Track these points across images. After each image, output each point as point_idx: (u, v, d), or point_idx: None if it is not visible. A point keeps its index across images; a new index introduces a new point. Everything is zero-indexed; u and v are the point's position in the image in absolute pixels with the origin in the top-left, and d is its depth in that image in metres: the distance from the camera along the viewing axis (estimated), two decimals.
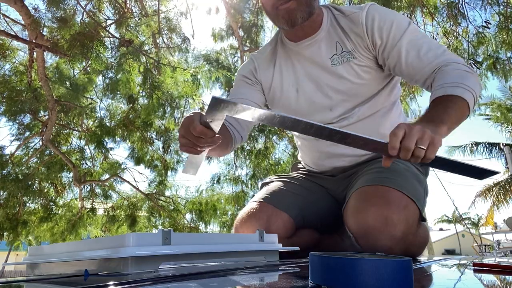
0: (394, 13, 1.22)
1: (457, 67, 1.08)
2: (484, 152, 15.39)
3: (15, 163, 5.87)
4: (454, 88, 0.99)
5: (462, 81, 1.01)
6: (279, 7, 1.16)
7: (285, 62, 1.34)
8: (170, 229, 0.74)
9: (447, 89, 1.00)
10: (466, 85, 1.00)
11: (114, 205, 7.05)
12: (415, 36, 1.16)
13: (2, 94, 5.12)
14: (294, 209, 1.33)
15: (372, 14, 1.19)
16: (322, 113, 1.30)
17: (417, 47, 1.14)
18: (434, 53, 1.12)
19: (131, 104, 5.70)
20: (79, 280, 0.67)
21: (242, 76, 1.42)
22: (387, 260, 0.42)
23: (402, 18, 1.21)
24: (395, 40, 1.16)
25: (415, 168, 1.26)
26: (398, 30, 1.16)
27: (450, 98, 0.98)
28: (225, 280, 0.60)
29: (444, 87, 1.01)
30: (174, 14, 4.91)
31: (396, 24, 1.17)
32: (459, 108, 0.97)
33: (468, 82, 1.01)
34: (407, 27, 1.16)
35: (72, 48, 3.96)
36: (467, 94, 0.99)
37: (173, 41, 5.18)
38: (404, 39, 1.15)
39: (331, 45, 1.25)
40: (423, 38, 1.17)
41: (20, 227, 6.23)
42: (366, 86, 1.25)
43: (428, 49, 1.13)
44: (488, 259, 1.27)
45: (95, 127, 5.87)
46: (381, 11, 1.20)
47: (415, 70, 1.14)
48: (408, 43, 1.15)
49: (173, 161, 6.52)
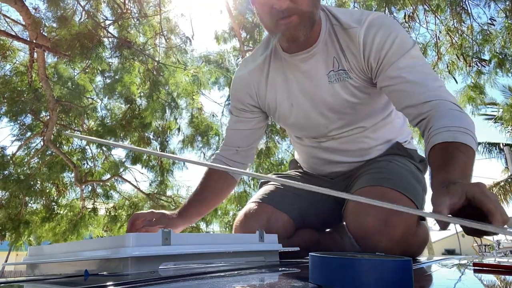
0: (397, 30, 1.10)
1: (452, 107, 1.00)
2: (484, 152, 15.38)
3: (16, 164, 5.88)
4: (464, 135, 0.91)
5: (467, 126, 0.93)
6: (280, 21, 1.06)
7: (279, 73, 1.26)
8: (170, 229, 0.74)
9: (456, 135, 0.90)
10: (472, 132, 0.93)
11: (115, 205, 7.06)
12: (414, 61, 1.07)
13: (3, 94, 5.12)
14: (293, 209, 1.33)
15: (374, 32, 1.09)
16: (319, 128, 1.29)
17: (413, 73, 1.05)
18: (429, 85, 1.03)
19: (129, 105, 5.71)
20: (79, 281, 0.67)
21: (235, 100, 1.37)
22: (387, 260, 0.42)
23: (405, 37, 1.10)
24: (391, 60, 1.07)
25: (413, 166, 1.26)
26: (398, 50, 1.07)
27: (463, 149, 0.88)
28: (225, 280, 0.60)
29: (451, 131, 0.92)
30: (174, 15, 4.91)
31: (398, 44, 1.07)
32: (472, 162, 0.89)
33: (471, 128, 0.94)
34: (409, 50, 1.07)
35: (72, 48, 3.97)
36: (474, 144, 0.92)
37: (172, 41, 5.18)
38: (402, 61, 1.06)
39: (328, 60, 1.16)
40: (422, 66, 1.07)
41: (22, 228, 6.24)
42: (363, 104, 1.20)
43: (424, 79, 1.04)
44: (488, 259, 1.27)
45: (96, 126, 5.88)
46: (383, 28, 1.09)
47: (405, 97, 1.05)
48: (405, 67, 1.06)
49: (169, 162, 6.52)
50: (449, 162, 0.84)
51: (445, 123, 0.94)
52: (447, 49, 4.62)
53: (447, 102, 1.00)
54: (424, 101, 1.01)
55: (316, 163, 1.43)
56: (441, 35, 4.63)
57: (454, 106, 1.00)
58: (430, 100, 1.00)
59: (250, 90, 1.33)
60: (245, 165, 1.43)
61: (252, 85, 1.32)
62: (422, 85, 1.03)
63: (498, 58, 4.52)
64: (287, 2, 1.02)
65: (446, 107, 0.99)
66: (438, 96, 1.01)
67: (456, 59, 4.54)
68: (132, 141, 6.12)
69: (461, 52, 4.46)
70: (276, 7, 1.02)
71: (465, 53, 4.48)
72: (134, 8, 4.83)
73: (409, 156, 1.30)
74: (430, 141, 0.94)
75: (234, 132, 1.40)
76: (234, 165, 1.39)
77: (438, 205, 0.67)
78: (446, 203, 0.67)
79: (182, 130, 6.11)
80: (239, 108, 1.36)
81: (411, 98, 1.04)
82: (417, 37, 4.81)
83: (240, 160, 1.40)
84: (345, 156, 1.33)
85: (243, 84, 1.33)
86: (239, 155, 1.40)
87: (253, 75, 1.31)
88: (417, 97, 1.02)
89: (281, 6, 1.02)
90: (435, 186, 0.80)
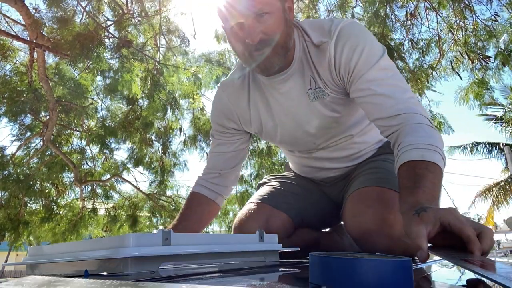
0: (365, 39, 1.07)
1: (422, 120, 0.98)
2: (484, 152, 15.39)
3: (16, 164, 5.87)
4: (432, 153, 0.90)
5: (435, 143, 0.92)
6: (253, 53, 1.04)
7: (259, 96, 1.24)
8: (170, 229, 0.74)
9: (424, 153, 0.89)
10: (440, 149, 0.92)
11: (115, 205, 7.06)
12: (383, 73, 1.04)
13: (3, 94, 5.12)
14: (293, 209, 1.33)
15: (342, 44, 1.06)
16: (306, 144, 1.29)
17: (382, 86, 1.03)
18: (399, 97, 1.01)
19: (131, 106, 5.71)
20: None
21: (216, 123, 1.35)
22: (387, 260, 0.42)
23: (374, 47, 1.07)
24: (360, 72, 1.05)
25: None
26: (366, 62, 1.04)
27: (431, 169, 0.87)
28: (225, 280, 0.60)
29: (420, 148, 0.90)
30: (175, 15, 4.91)
31: (366, 55, 1.04)
32: (440, 181, 0.89)
33: (439, 144, 0.93)
34: (377, 61, 1.04)
35: (72, 48, 3.97)
36: (442, 162, 0.91)
37: (172, 42, 5.18)
38: (371, 73, 1.03)
39: (305, 78, 1.14)
40: (392, 78, 1.04)
41: (22, 228, 6.24)
42: (346, 115, 1.19)
43: (393, 91, 1.02)
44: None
45: (98, 127, 5.88)
46: (351, 38, 1.06)
47: (375, 109, 1.04)
48: (374, 79, 1.03)
49: (171, 164, 6.52)
50: (417, 184, 0.83)
51: (413, 139, 0.93)
52: (450, 46, 4.62)
53: (417, 115, 0.99)
54: (393, 115, 1.00)
55: (309, 171, 1.43)
56: (442, 33, 4.63)
57: (423, 119, 0.98)
58: (399, 114, 0.99)
59: (231, 115, 1.31)
60: (228, 188, 1.42)
61: (233, 110, 1.30)
62: (392, 98, 1.01)
63: (502, 54, 4.51)
64: (260, 35, 1.00)
65: (415, 121, 0.97)
66: (408, 108, 1.00)
67: (460, 56, 4.53)
68: (133, 142, 6.12)
69: (465, 49, 4.45)
70: (248, 41, 1.01)
71: (468, 50, 4.47)
72: (135, 8, 4.83)
73: None
74: (399, 158, 0.93)
75: (216, 155, 1.38)
76: (217, 188, 1.38)
77: (416, 237, 0.67)
78: (423, 234, 0.67)
79: (184, 131, 6.13)
80: (221, 131, 1.35)
81: (380, 111, 1.03)
82: (420, 34, 4.81)
83: (222, 183, 1.38)
84: (337, 163, 1.34)
85: (223, 109, 1.31)
86: (222, 178, 1.38)
87: (233, 99, 1.28)
88: (386, 110, 1.01)
89: (253, 40, 1.01)
90: (405, 212, 0.79)
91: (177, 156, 6.50)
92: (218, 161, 1.38)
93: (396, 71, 1.08)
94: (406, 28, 4.67)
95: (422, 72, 4.77)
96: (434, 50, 4.82)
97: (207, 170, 1.39)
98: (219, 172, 1.37)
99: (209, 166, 1.40)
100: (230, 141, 1.35)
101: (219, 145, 1.37)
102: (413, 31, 4.74)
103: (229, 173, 1.39)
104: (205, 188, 1.37)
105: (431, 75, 4.80)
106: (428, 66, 4.81)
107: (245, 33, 1.01)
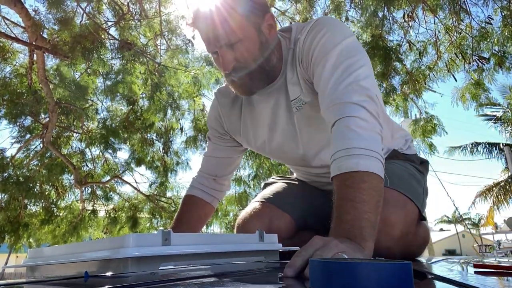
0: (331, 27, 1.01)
1: (361, 114, 0.86)
2: (484, 153, 15.40)
3: (16, 166, 5.87)
4: (368, 159, 0.80)
5: (372, 145, 0.82)
6: (230, 79, 1.04)
7: (249, 110, 1.24)
8: (169, 229, 0.74)
9: (359, 163, 0.80)
10: (377, 153, 0.82)
11: (115, 206, 7.05)
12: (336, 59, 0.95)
13: (3, 96, 5.12)
14: (296, 210, 1.33)
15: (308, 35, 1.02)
16: (296, 160, 1.30)
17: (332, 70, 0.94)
18: (342, 83, 0.91)
19: (131, 106, 5.71)
20: (79, 282, 0.67)
21: (212, 128, 1.38)
22: (387, 264, 0.42)
23: (336, 33, 0.99)
24: (316, 60, 0.99)
25: (413, 168, 1.25)
26: (323, 48, 0.98)
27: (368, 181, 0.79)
28: (225, 280, 0.59)
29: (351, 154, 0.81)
30: (175, 17, 4.92)
31: (324, 41, 0.98)
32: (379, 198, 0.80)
33: (376, 145, 0.84)
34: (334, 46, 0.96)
35: (72, 50, 3.97)
36: (380, 166, 0.82)
37: (173, 42, 5.18)
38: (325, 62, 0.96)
39: (290, 88, 1.10)
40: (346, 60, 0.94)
41: (22, 230, 6.23)
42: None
43: (340, 75, 0.92)
44: (489, 259, 1.27)
45: (100, 128, 5.88)
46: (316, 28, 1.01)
47: (320, 96, 0.98)
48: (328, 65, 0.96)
49: (173, 163, 6.53)
50: (340, 216, 0.78)
51: (347, 145, 0.84)
52: (447, 48, 4.63)
53: (354, 105, 0.88)
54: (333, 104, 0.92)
55: (311, 179, 1.43)
56: (439, 34, 4.64)
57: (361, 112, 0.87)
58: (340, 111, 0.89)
59: (223, 124, 1.33)
60: (223, 192, 1.46)
61: (224, 121, 1.31)
62: (335, 83, 0.93)
63: (497, 56, 4.53)
64: (233, 64, 1.00)
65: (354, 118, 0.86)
66: (345, 98, 0.89)
67: (455, 57, 4.55)
68: (134, 142, 6.12)
69: (460, 51, 4.46)
70: (223, 68, 1.01)
71: (463, 52, 4.48)
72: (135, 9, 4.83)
73: (408, 160, 1.30)
74: (331, 168, 0.87)
75: (211, 159, 1.41)
76: (213, 192, 1.42)
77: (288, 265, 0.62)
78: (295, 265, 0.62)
79: (185, 131, 6.13)
80: (216, 135, 1.38)
81: (321, 101, 0.97)
82: (417, 36, 4.82)
83: (218, 188, 1.43)
84: None
85: (217, 117, 1.34)
86: (217, 183, 1.42)
87: (225, 111, 1.30)
88: (323, 100, 0.96)
89: (226, 69, 1.01)
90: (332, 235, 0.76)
91: (179, 155, 6.51)
92: (213, 165, 1.41)
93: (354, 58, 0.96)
94: (404, 30, 4.68)
95: (420, 74, 4.78)
96: (431, 52, 4.84)
97: (202, 173, 1.42)
98: (214, 177, 1.41)
99: (203, 169, 1.42)
100: (225, 147, 1.38)
101: (215, 150, 1.40)
102: (410, 33, 4.76)
103: (223, 179, 1.43)
104: (201, 192, 1.40)
105: (428, 77, 4.81)
106: (426, 67, 4.82)
107: (220, 62, 1.02)
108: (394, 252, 1.00)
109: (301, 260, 0.62)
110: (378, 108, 0.91)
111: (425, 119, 5.14)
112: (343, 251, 0.63)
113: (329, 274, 0.43)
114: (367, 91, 0.90)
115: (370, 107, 0.88)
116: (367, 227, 0.75)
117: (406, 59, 4.88)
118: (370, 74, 0.95)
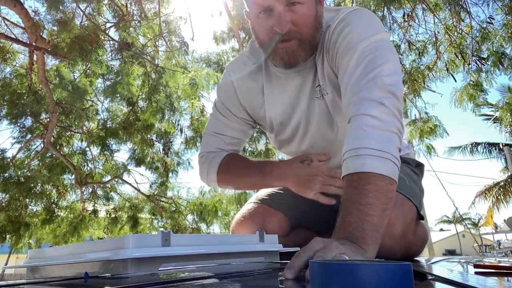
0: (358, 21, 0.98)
1: (376, 112, 0.82)
2: (484, 153, 15.40)
3: (16, 166, 5.87)
4: (377, 159, 0.77)
5: (384, 145, 0.79)
6: (279, 44, 0.99)
7: (270, 86, 1.17)
8: (169, 230, 0.74)
9: (365, 164, 0.77)
10: (389, 153, 0.79)
11: (115, 206, 7.05)
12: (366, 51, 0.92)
13: (3, 97, 5.13)
14: (289, 208, 1.33)
15: (336, 26, 1.00)
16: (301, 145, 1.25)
17: (356, 64, 0.91)
18: (364, 78, 0.88)
19: (131, 107, 5.71)
20: (79, 283, 0.67)
21: (222, 104, 1.26)
22: (387, 265, 0.42)
23: (365, 28, 0.97)
24: (340, 57, 0.97)
25: (409, 170, 1.26)
26: (348, 44, 0.95)
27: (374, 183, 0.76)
28: (225, 281, 0.59)
29: (359, 155, 0.78)
30: (174, 18, 4.92)
31: (352, 35, 0.95)
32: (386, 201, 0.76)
33: (389, 145, 0.80)
34: (359, 42, 0.94)
35: (72, 51, 3.97)
36: (391, 167, 0.79)
37: (172, 43, 5.18)
38: (348, 58, 0.94)
39: (317, 73, 1.08)
40: (370, 55, 0.91)
41: (23, 230, 6.24)
42: (343, 122, 1.11)
43: (363, 70, 0.89)
44: (489, 259, 1.27)
45: (99, 129, 5.88)
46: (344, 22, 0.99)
47: (342, 90, 0.95)
48: (352, 59, 0.93)
49: (173, 163, 6.53)
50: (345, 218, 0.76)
51: (360, 143, 0.80)
52: (446, 48, 4.63)
53: (374, 102, 0.84)
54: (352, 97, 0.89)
55: None
56: (439, 34, 4.63)
57: (383, 109, 0.83)
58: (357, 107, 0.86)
59: (237, 102, 1.24)
60: (238, 150, 1.34)
61: (240, 98, 1.23)
62: (357, 78, 0.90)
63: (496, 56, 4.52)
64: (289, 25, 0.95)
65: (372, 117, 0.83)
66: (365, 96, 0.86)
67: (455, 58, 4.54)
68: (135, 142, 6.12)
69: (460, 51, 4.46)
70: (277, 29, 0.96)
71: (463, 52, 4.47)
72: (135, 10, 4.83)
73: (404, 162, 1.30)
74: (342, 166, 0.83)
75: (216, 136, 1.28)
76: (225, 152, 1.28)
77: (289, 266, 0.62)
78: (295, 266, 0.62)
79: (185, 132, 6.13)
80: (224, 111, 1.28)
81: (344, 98, 0.95)
82: (417, 36, 4.82)
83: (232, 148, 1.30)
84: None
85: (230, 93, 1.25)
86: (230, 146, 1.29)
87: (243, 83, 1.22)
88: (347, 95, 0.92)
89: (282, 29, 0.95)
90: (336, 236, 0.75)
91: (180, 155, 6.51)
92: (218, 142, 1.29)
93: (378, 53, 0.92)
94: (403, 30, 4.67)
95: (419, 73, 4.77)
96: (430, 51, 4.83)
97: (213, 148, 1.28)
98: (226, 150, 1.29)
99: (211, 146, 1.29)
100: (232, 124, 1.27)
101: (219, 126, 1.28)
102: (410, 33, 4.75)
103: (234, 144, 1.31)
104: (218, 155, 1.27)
105: (428, 77, 4.80)
106: (425, 67, 4.81)
107: (274, 21, 0.96)
108: (395, 251, 1.00)
109: (301, 261, 0.61)
110: (400, 105, 0.87)
111: (423, 119, 5.12)
112: (344, 253, 0.63)
113: (329, 276, 0.43)
114: (389, 87, 0.87)
115: (390, 104, 0.84)
116: (370, 230, 0.73)
117: (406, 59, 4.88)
118: (395, 71, 0.91)
